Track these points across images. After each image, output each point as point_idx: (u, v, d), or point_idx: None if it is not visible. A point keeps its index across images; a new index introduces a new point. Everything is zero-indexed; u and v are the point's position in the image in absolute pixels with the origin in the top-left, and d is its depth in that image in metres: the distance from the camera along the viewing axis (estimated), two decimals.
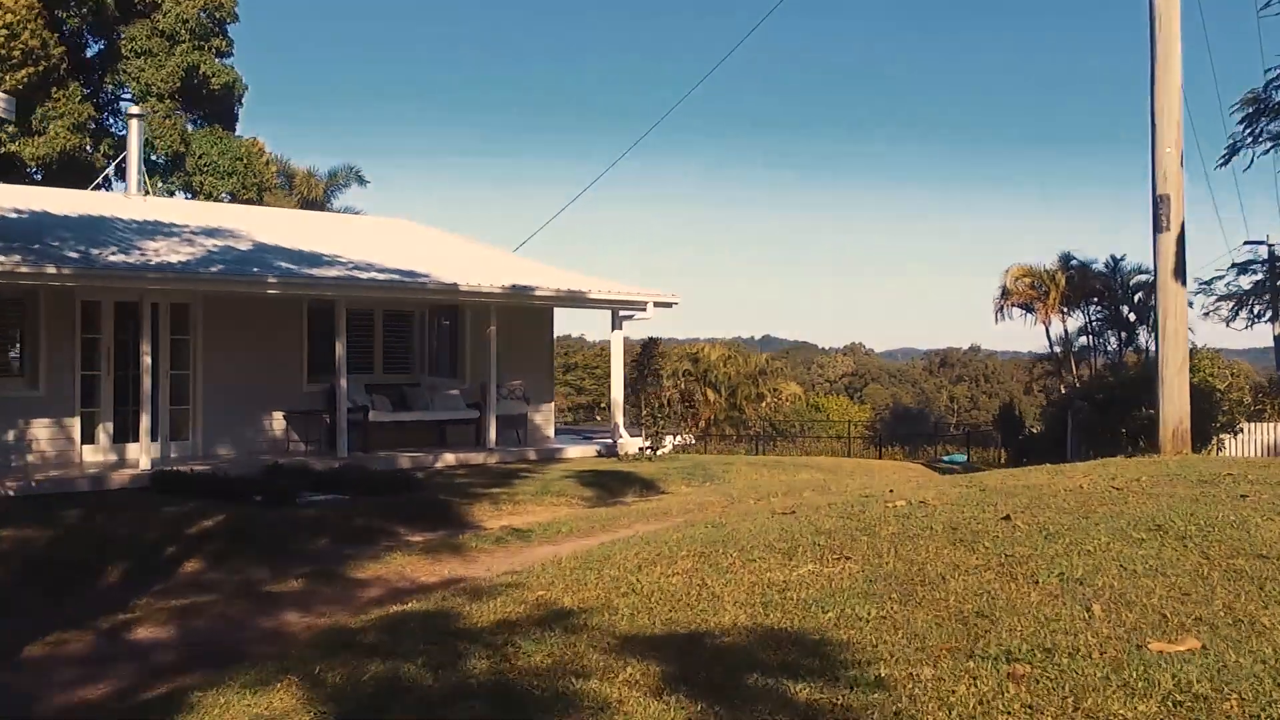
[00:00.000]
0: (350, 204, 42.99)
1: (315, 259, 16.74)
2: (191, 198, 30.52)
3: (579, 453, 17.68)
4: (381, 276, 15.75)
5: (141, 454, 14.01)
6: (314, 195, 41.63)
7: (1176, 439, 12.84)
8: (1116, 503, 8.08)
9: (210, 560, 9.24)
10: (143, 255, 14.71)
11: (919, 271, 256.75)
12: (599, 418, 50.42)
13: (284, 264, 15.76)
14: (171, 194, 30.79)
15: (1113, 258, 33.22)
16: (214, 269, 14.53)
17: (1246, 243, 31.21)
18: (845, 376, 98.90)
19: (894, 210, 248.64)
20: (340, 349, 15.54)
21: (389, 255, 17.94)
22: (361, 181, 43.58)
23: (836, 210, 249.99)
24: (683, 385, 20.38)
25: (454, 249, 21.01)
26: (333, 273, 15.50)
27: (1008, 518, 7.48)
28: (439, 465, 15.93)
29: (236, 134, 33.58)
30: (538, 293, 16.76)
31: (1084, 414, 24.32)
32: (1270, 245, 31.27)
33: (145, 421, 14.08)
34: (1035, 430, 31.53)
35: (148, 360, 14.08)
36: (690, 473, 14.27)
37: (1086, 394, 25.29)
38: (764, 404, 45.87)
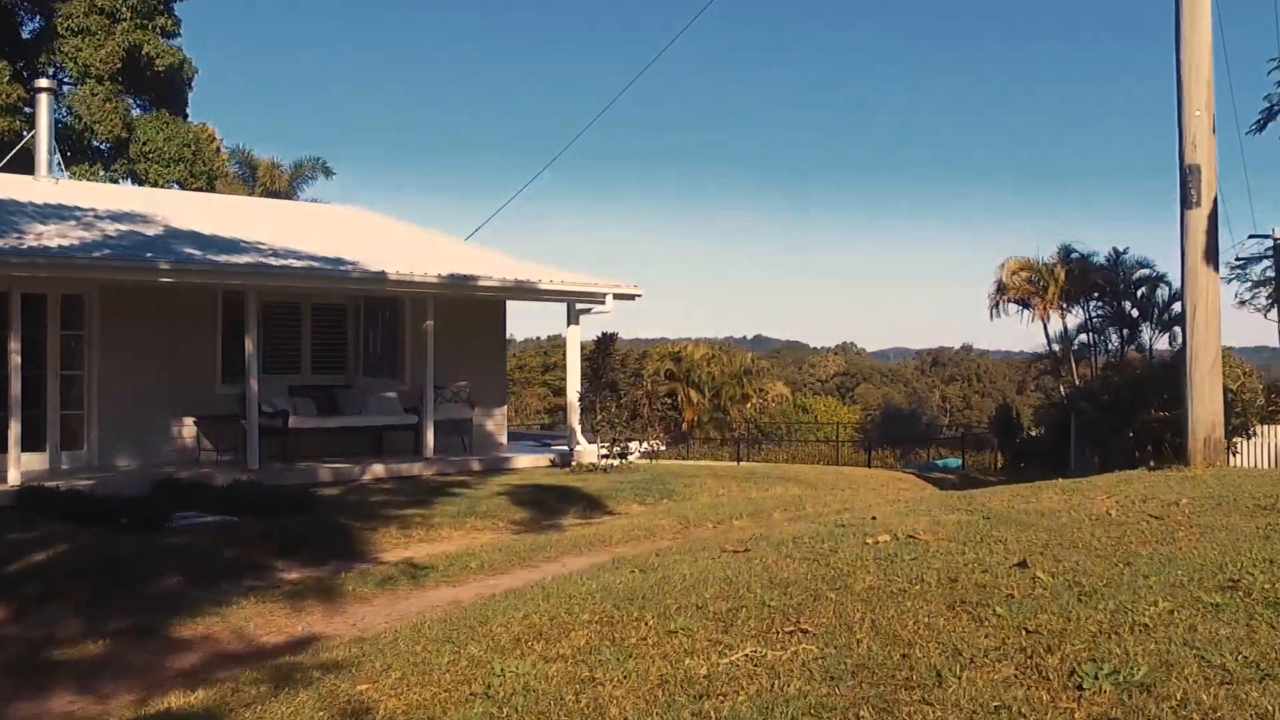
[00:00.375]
0: (318, 197, 41.06)
1: (232, 245, 14.83)
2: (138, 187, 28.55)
3: (530, 463, 15.80)
4: (298, 264, 13.84)
5: (10, 466, 12.10)
6: (278, 187, 39.66)
7: (1208, 449, 11.00)
8: (1162, 540, 6.25)
9: (19, 607, 7.35)
10: (19, 239, 12.80)
11: (910, 270, 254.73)
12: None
13: (189, 250, 13.85)
14: (115, 182, 28.82)
15: (1115, 250, 31.40)
16: (96, 255, 12.61)
17: (1252, 236, 29.45)
18: (836, 376, 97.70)
19: (886, 208, 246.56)
20: (250, 345, 13.63)
21: (324, 243, 16.03)
22: (328, 173, 41.53)
23: (829, 208, 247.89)
24: (649, 387, 18.53)
25: (401, 236, 19.12)
26: (241, 259, 13.60)
27: (1024, 564, 5.64)
28: (366, 478, 14.06)
29: (189, 120, 31.69)
30: (480, 283, 14.87)
31: (1088, 416, 22.57)
32: (1277, 239, 29.51)
33: (15, 429, 12.17)
34: (1034, 433, 29.74)
35: (17, 359, 12.18)
36: (646, 488, 12.40)
37: (1090, 395, 23.52)
38: (749, 405, 44.05)
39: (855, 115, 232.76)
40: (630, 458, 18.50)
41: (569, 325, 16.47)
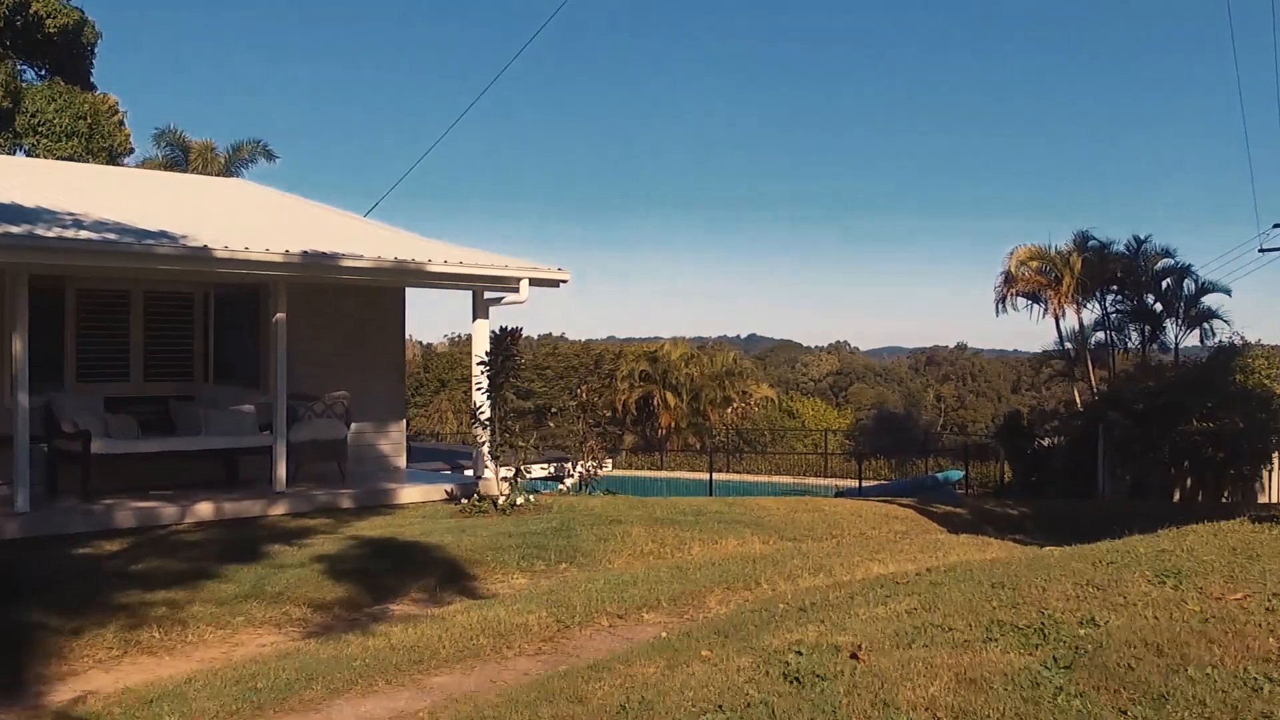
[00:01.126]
0: (258, 182, 37.45)
1: (33, 215, 11.28)
2: None
3: (419, 496, 12.25)
4: (86, 236, 10.26)
5: None
6: (213, 171, 36.12)
7: None
8: None
9: None
10: None
11: (905, 268, 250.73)
12: (551, 424, 45.35)
13: None
14: None
15: (1135, 238, 28.00)
16: None
17: (1277, 225, 26.19)
18: (829, 375, 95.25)
19: (881, 206, 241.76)
20: (19, 344, 10.08)
21: (177, 217, 12.47)
22: (270, 157, 37.93)
23: (825, 205, 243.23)
24: (584, 396, 15.09)
25: (283, 211, 15.57)
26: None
27: None
28: (187, 521, 10.52)
29: (97, 91, 28.15)
30: (345, 263, 11.29)
31: (1118, 428, 19.10)
32: None
33: None
34: (1046, 443, 26.21)
35: None
36: (543, 544, 8.85)
37: (1119, 401, 20.02)
38: (730, 409, 40.52)
39: (845, 110, 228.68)
40: (567, 481, 15.11)
41: (475, 319, 12.95)
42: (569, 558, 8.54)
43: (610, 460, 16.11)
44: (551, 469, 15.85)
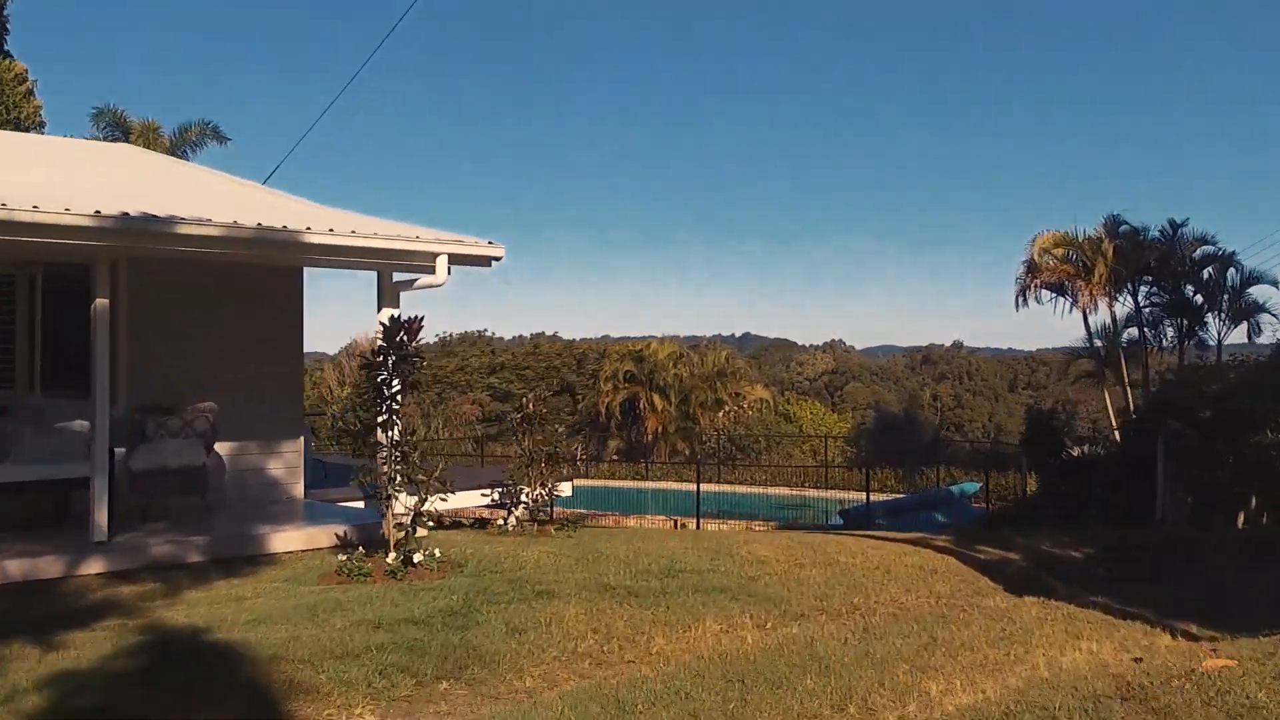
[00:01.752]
0: (209, 167, 34.30)
1: None
2: None
3: (300, 543, 9.23)
4: None
5: None
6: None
7: None
8: None
9: None
10: None
11: (902, 265, 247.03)
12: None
13: None
14: None
15: (1171, 223, 25.04)
16: None
17: None
18: (825, 375, 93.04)
19: (878, 203, 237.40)
20: None
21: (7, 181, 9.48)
22: (221, 139, 34.74)
23: (823, 202, 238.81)
24: (530, 408, 12.19)
25: (165, 179, 12.53)
26: None
27: None
28: None
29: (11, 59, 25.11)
30: (184, 230, 8.25)
31: (1183, 439, 16.15)
32: None
33: None
34: (1075, 452, 23.23)
35: None
36: (420, 645, 5.81)
37: (1178, 406, 17.02)
38: (722, 412, 37.48)
39: (843, 106, 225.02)
40: (517, 511, 12.09)
41: (380, 307, 9.93)
42: (458, 669, 5.51)
43: (568, 484, 13.09)
44: (495, 495, 12.87)
